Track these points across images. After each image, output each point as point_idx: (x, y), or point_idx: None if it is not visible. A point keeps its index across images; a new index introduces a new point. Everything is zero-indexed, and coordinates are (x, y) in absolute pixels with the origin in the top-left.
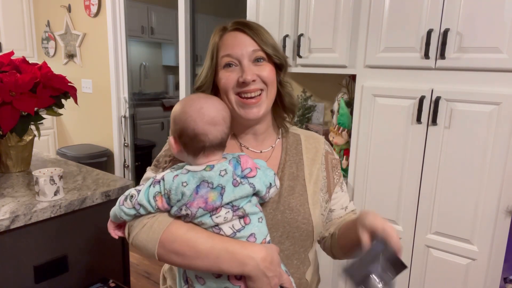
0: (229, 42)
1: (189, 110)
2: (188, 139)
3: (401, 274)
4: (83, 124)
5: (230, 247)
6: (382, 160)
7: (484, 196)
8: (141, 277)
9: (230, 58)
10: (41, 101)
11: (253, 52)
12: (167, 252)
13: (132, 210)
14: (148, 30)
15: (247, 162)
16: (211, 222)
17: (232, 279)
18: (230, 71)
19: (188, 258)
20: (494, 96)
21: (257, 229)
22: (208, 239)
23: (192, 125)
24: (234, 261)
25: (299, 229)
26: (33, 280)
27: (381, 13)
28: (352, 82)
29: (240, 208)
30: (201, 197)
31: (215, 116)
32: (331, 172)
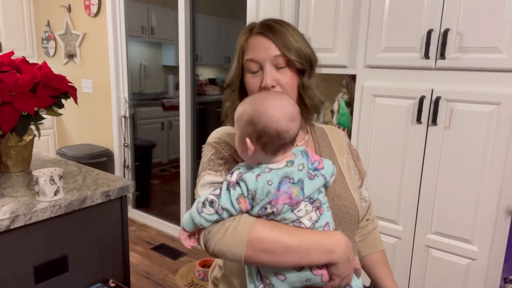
0: (253, 45)
1: (268, 109)
2: (269, 139)
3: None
4: (83, 124)
5: (317, 238)
6: (382, 160)
7: (484, 196)
8: (141, 277)
9: (252, 62)
10: (41, 101)
11: (275, 58)
12: (256, 252)
13: (215, 215)
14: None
15: (313, 154)
16: (293, 217)
17: (315, 269)
18: (254, 77)
19: (279, 255)
20: (494, 96)
21: (329, 218)
22: (294, 233)
23: (275, 125)
24: (323, 250)
25: (348, 214)
26: (33, 280)
27: (381, 13)
28: (352, 82)
29: (316, 200)
30: (285, 193)
31: (293, 112)
32: (357, 161)
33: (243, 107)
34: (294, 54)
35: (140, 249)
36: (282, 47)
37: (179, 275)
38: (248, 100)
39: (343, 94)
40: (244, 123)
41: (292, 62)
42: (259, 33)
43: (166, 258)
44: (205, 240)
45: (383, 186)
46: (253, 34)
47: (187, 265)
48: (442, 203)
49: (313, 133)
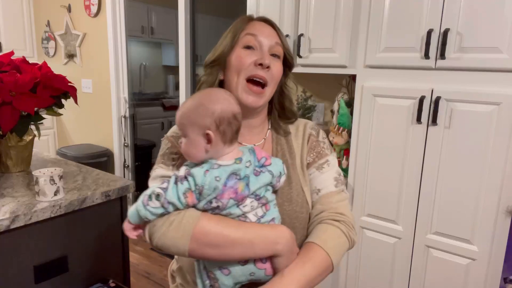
0: (257, 27)
1: (218, 97)
2: (228, 124)
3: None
4: (83, 124)
5: (261, 231)
6: (382, 160)
7: (484, 196)
8: (141, 277)
9: (254, 38)
10: (41, 101)
11: (275, 45)
12: (200, 245)
13: (160, 209)
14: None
15: (260, 152)
16: (239, 212)
17: (258, 263)
18: (249, 52)
19: (223, 248)
20: (494, 96)
21: (275, 213)
22: (239, 227)
23: (231, 108)
24: (267, 243)
25: (298, 219)
26: (33, 280)
27: (381, 13)
28: (352, 82)
29: (262, 197)
30: (231, 188)
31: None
32: (309, 153)
33: (188, 106)
34: (289, 51)
35: (140, 249)
36: (282, 38)
37: None
38: (192, 99)
39: (343, 94)
40: (199, 117)
41: (286, 54)
42: (263, 20)
43: (166, 258)
44: (150, 234)
45: (383, 186)
46: (256, 20)
47: None
48: (442, 203)
49: (273, 134)
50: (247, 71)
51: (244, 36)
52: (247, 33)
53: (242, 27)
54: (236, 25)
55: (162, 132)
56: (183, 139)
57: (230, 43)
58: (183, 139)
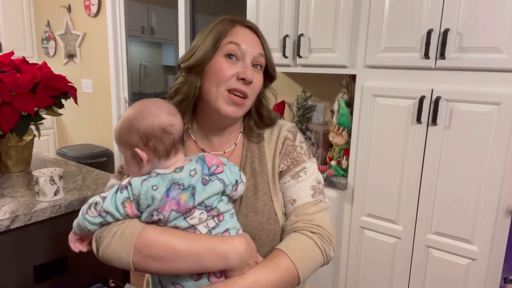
0: (241, 35)
1: (144, 110)
2: (157, 139)
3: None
4: (83, 124)
5: (210, 244)
6: (382, 160)
7: (484, 196)
8: (141, 277)
9: (237, 48)
10: (41, 101)
11: (258, 56)
12: (143, 258)
13: (98, 218)
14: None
15: (212, 159)
16: (186, 224)
17: (212, 278)
18: (231, 64)
19: (168, 261)
20: (494, 96)
21: (230, 224)
22: (185, 238)
23: (157, 121)
24: (216, 256)
25: (265, 230)
26: (33, 280)
27: (381, 13)
28: (352, 82)
29: (214, 208)
30: (173, 199)
31: (169, 107)
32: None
33: (118, 123)
34: (271, 62)
35: None
36: (266, 48)
37: None
38: (123, 116)
39: (343, 94)
40: (126, 135)
41: (268, 66)
42: (248, 27)
43: None
44: (97, 245)
45: (383, 186)
46: (241, 25)
47: None
48: (442, 203)
49: (244, 140)
50: (228, 84)
51: (226, 44)
52: (230, 41)
53: (225, 32)
54: (218, 28)
55: None
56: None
57: (210, 49)
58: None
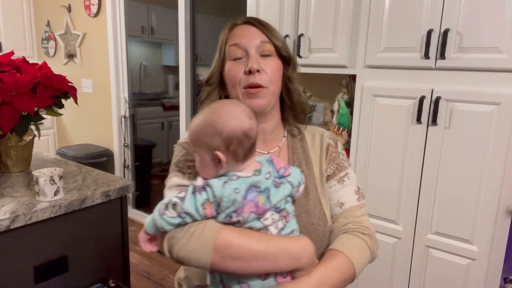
0: (238, 34)
1: (227, 113)
2: (238, 143)
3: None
4: (83, 124)
5: (284, 244)
6: (382, 160)
7: (484, 196)
8: (141, 277)
9: (237, 47)
10: (41, 101)
11: (261, 44)
12: (222, 258)
13: (177, 219)
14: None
15: (279, 162)
16: (260, 225)
17: (279, 278)
18: (238, 63)
19: (245, 261)
20: (494, 96)
21: (295, 225)
22: (261, 239)
23: (240, 125)
24: (290, 257)
25: (316, 231)
26: (33, 280)
27: (381, 13)
28: (352, 82)
29: (283, 209)
30: (251, 201)
31: (249, 110)
32: (329, 165)
33: (197, 123)
34: (280, 41)
35: (140, 249)
36: (269, 34)
37: None
38: (200, 115)
39: (343, 94)
40: (207, 138)
41: (278, 49)
42: (245, 23)
43: (166, 258)
44: (170, 246)
45: (383, 186)
46: (237, 25)
47: None
48: (442, 203)
49: (289, 139)
50: (242, 82)
51: (228, 48)
52: (230, 45)
53: (225, 38)
54: (221, 36)
55: (162, 132)
56: (195, 155)
57: (218, 59)
58: (195, 156)
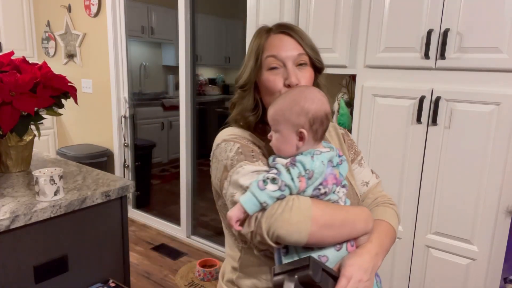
0: (275, 44)
1: (313, 98)
2: (320, 123)
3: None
4: (83, 124)
5: (355, 211)
6: (382, 160)
7: (484, 196)
8: (141, 277)
9: (275, 59)
10: (41, 101)
11: (298, 56)
12: (319, 227)
13: (278, 192)
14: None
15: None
16: (336, 198)
17: (349, 247)
18: (275, 74)
19: (336, 228)
20: (494, 96)
21: (348, 201)
22: (341, 209)
23: (323, 108)
24: (363, 221)
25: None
26: (33, 280)
27: (381, 13)
28: (352, 82)
29: (344, 185)
30: (331, 174)
31: (325, 96)
32: (349, 151)
33: (285, 103)
34: (314, 53)
35: (140, 249)
36: (305, 45)
37: (179, 275)
38: (285, 97)
39: (343, 94)
40: (294, 116)
41: (312, 61)
42: (280, 32)
43: (166, 258)
44: (269, 224)
45: (383, 186)
46: (273, 33)
47: (187, 265)
48: (442, 203)
49: None
50: (280, 92)
51: (265, 59)
52: (267, 56)
53: (261, 47)
54: (255, 43)
55: (162, 132)
56: (273, 133)
57: (254, 67)
58: (273, 134)
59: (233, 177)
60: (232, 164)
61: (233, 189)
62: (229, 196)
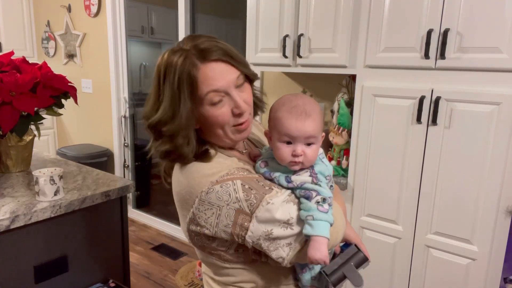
0: (211, 76)
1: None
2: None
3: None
4: (83, 124)
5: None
6: (382, 160)
7: (484, 196)
8: (141, 277)
9: (217, 93)
10: (41, 101)
11: (236, 79)
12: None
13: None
14: (148, 30)
15: None
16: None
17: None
18: (221, 107)
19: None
20: (494, 96)
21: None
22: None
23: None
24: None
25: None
26: (33, 280)
27: (381, 13)
28: (352, 82)
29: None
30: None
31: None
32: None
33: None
34: (246, 68)
35: (140, 249)
36: (238, 64)
37: (179, 275)
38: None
39: (343, 94)
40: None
41: (248, 76)
42: (212, 60)
43: (166, 258)
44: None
45: (383, 186)
46: (203, 63)
47: (187, 265)
48: (442, 203)
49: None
50: (230, 123)
51: (205, 96)
52: (207, 92)
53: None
54: (185, 78)
55: None
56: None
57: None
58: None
59: (265, 215)
60: (251, 204)
61: (266, 227)
62: (262, 236)
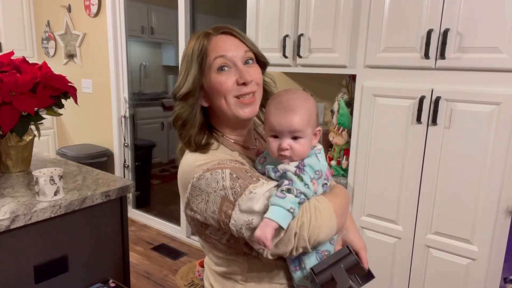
0: (220, 45)
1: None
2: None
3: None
4: (83, 124)
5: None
6: (382, 160)
7: (484, 196)
8: (141, 277)
9: (224, 59)
10: (41, 101)
11: (245, 53)
12: (339, 218)
13: (296, 199)
14: (148, 30)
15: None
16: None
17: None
18: (226, 74)
19: (345, 213)
20: (494, 96)
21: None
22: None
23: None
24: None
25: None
26: (33, 280)
27: (381, 13)
28: (352, 82)
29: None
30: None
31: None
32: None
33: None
34: (257, 49)
35: (140, 249)
36: (248, 42)
37: (179, 275)
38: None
39: (343, 94)
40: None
41: (257, 57)
42: (223, 33)
43: (166, 258)
44: (310, 233)
45: (383, 186)
46: (215, 35)
47: (187, 265)
48: (442, 203)
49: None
50: (233, 92)
51: (213, 60)
52: (215, 57)
53: (204, 50)
54: (197, 47)
55: (162, 132)
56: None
57: (198, 73)
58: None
59: (246, 204)
60: (235, 192)
61: (248, 216)
62: (243, 225)
